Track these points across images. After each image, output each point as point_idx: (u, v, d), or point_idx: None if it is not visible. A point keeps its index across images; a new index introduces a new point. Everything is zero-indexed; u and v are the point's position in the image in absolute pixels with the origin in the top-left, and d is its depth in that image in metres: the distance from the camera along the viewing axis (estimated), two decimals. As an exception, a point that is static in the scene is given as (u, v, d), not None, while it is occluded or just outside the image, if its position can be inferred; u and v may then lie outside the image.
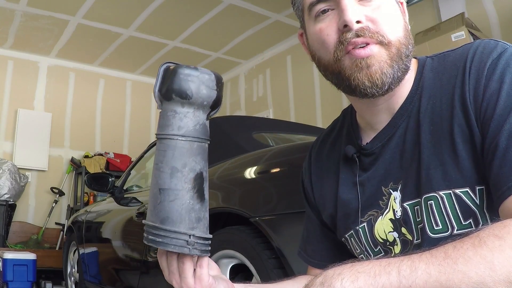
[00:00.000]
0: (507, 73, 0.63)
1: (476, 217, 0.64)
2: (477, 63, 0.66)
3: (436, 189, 0.66)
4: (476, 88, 0.65)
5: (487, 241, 0.50)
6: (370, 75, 0.67)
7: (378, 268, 0.51)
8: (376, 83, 0.67)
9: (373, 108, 0.75)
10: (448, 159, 0.66)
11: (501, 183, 0.59)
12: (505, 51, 0.66)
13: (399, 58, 0.69)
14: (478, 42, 0.70)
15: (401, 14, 0.73)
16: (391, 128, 0.74)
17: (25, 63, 5.36)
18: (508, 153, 0.59)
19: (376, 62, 0.67)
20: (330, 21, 0.70)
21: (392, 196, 0.73)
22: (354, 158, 0.78)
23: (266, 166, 1.60)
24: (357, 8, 0.68)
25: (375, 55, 0.67)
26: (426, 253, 0.51)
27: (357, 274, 0.50)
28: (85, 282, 3.04)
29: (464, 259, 0.49)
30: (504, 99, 0.62)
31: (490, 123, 0.62)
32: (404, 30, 0.71)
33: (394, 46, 0.68)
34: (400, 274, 0.50)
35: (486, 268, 0.48)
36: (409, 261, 0.50)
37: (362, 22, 0.68)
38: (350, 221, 0.79)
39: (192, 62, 5.67)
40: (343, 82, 0.71)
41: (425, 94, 0.72)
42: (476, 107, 0.64)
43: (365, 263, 0.52)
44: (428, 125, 0.69)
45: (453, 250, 0.50)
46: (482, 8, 3.32)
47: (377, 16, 0.68)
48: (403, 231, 0.72)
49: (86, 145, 5.54)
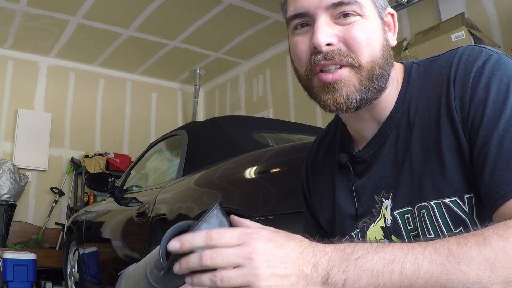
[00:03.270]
0: (492, 81, 0.63)
1: (466, 224, 0.64)
2: (462, 72, 0.65)
3: (427, 198, 0.67)
4: (462, 98, 0.64)
5: (491, 241, 0.50)
6: (335, 100, 0.68)
7: (381, 265, 0.51)
8: (340, 106, 0.68)
9: (356, 118, 0.75)
10: (436, 169, 0.66)
11: (493, 192, 0.59)
12: (490, 58, 0.65)
13: (370, 80, 0.68)
14: (462, 49, 0.69)
15: (381, 31, 0.70)
16: (380, 137, 0.74)
17: (25, 63, 5.36)
18: (498, 161, 0.59)
19: (344, 86, 0.67)
20: (305, 37, 0.70)
21: (384, 204, 0.73)
22: (348, 165, 0.79)
23: (266, 166, 1.60)
24: (330, 29, 0.67)
25: (343, 79, 0.67)
26: (430, 248, 0.51)
27: (360, 273, 0.50)
28: (85, 282, 3.04)
29: (467, 259, 0.49)
30: (491, 108, 0.61)
31: (478, 132, 0.62)
32: (382, 49, 0.69)
33: (365, 69, 0.67)
34: (403, 273, 0.50)
35: (487, 269, 0.48)
36: (413, 258, 0.50)
37: (333, 44, 0.67)
38: (345, 226, 0.79)
39: (192, 62, 5.68)
40: (312, 97, 0.73)
41: (413, 103, 0.71)
42: (462, 116, 0.64)
43: (370, 256, 0.52)
44: (417, 135, 0.69)
45: (457, 247, 0.50)
46: (482, 8, 3.32)
47: (350, 37, 0.67)
48: (393, 239, 0.72)
49: (86, 145, 5.54)
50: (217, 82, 6.32)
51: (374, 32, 0.69)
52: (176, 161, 2.46)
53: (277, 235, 0.55)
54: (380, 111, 0.74)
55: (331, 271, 0.51)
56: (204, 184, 1.90)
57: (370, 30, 0.68)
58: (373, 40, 0.68)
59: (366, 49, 0.67)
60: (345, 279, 0.50)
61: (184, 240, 0.54)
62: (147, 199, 2.30)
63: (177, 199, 1.99)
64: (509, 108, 0.60)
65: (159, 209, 2.08)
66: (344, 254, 0.52)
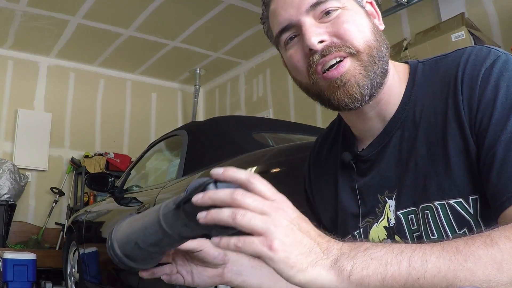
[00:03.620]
0: (501, 82, 0.62)
1: (470, 226, 0.64)
2: (470, 72, 0.65)
3: (432, 199, 0.66)
4: (470, 99, 0.64)
5: (498, 242, 0.50)
6: (348, 92, 0.68)
7: (390, 256, 0.51)
8: (355, 97, 0.68)
9: (362, 116, 0.75)
10: (442, 170, 0.66)
11: (500, 194, 0.59)
12: (498, 58, 0.64)
13: (373, 63, 0.68)
14: (470, 49, 0.68)
15: (367, 17, 0.72)
16: (385, 136, 0.74)
17: (25, 63, 5.36)
18: (506, 163, 0.59)
19: (351, 77, 0.67)
20: (297, 47, 0.71)
21: (387, 204, 0.73)
22: (351, 164, 0.79)
23: (266, 166, 1.60)
24: (318, 28, 0.68)
25: (348, 70, 0.67)
26: (437, 246, 0.51)
27: (369, 261, 0.51)
28: (85, 282, 3.04)
29: (474, 258, 0.49)
30: (499, 109, 0.61)
31: (486, 134, 0.61)
32: (373, 33, 0.70)
33: (364, 53, 0.68)
34: (411, 266, 0.50)
35: (494, 268, 0.48)
36: (421, 253, 0.50)
37: (326, 40, 0.68)
38: (348, 225, 0.79)
39: (192, 62, 5.68)
40: (325, 102, 0.72)
41: (419, 103, 0.71)
42: (470, 117, 0.64)
43: (379, 248, 0.52)
44: (423, 136, 0.69)
45: (465, 246, 0.50)
46: (482, 8, 3.32)
47: (339, 29, 0.68)
48: (397, 239, 0.72)
49: (86, 145, 5.54)
50: (217, 82, 6.32)
51: (359, 18, 0.70)
52: (176, 161, 2.46)
53: (299, 212, 0.55)
54: (385, 107, 0.73)
55: (340, 257, 0.51)
56: (204, 184, 1.89)
57: (355, 17, 0.70)
58: (362, 26, 0.69)
59: (357, 35, 0.68)
60: (353, 265, 0.50)
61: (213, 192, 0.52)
62: (147, 199, 2.30)
63: (177, 199, 1.98)
64: None
65: (159, 209, 2.08)
66: (354, 246, 0.53)
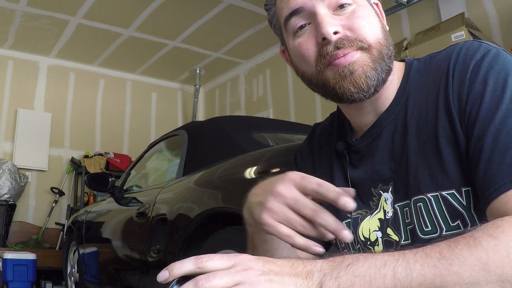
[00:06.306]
0: (490, 75, 0.63)
1: (463, 218, 0.64)
2: (460, 66, 0.66)
3: (424, 191, 0.67)
4: (459, 91, 0.65)
5: (482, 242, 0.50)
6: (355, 81, 0.68)
7: (373, 270, 0.50)
8: (361, 87, 0.68)
9: (360, 111, 0.76)
10: (434, 162, 0.66)
11: (487, 185, 0.59)
12: (488, 52, 0.65)
13: (381, 59, 0.69)
14: (461, 44, 0.70)
15: (377, 16, 0.73)
16: (376, 128, 0.75)
17: (25, 63, 5.36)
18: (493, 155, 0.59)
19: (359, 67, 0.68)
20: (309, 35, 0.71)
21: (383, 197, 0.73)
22: (344, 154, 0.80)
23: (266, 166, 1.60)
24: (333, 19, 0.68)
25: (357, 60, 0.68)
26: (420, 252, 0.51)
27: (353, 279, 0.50)
28: (85, 282, 3.04)
29: (459, 260, 0.49)
30: (488, 101, 0.62)
31: (474, 126, 0.62)
32: (382, 31, 0.71)
33: (375, 49, 0.68)
34: (395, 277, 0.49)
35: (481, 269, 0.48)
36: (404, 262, 0.50)
37: (340, 32, 0.68)
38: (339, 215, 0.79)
39: (192, 62, 5.68)
40: (329, 92, 0.72)
41: (412, 97, 0.72)
42: (460, 109, 0.65)
43: (361, 262, 0.51)
44: (414, 128, 0.70)
45: (448, 249, 0.50)
46: (482, 8, 3.33)
47: (353, 23, 0.68)
48: (388, 232, 0.72)
49: (86, 145, 5.54)
50: (217, 82, 6.32)
51: (372, 16, 0.72)
52: (176, 161, 2.46)
53: (262, 257, 0.54)
54: (381, 103, 0.74)
55: (323, 278, 0.50)
56: (204, 184, 1.90)
57: (368, 14, 0.71)
58: (374, 23, 0.71)
59: (370, 31, 0.69)
60: (338, 286, 0.50)
61: (172, 266, 0.51)
62: (147, 199, 2.30)
63: (177, 199, 1.99)
64: (505, 102, 0.61)
65: (159, 209, 2.08)
66: (334, 263, 0.52)
